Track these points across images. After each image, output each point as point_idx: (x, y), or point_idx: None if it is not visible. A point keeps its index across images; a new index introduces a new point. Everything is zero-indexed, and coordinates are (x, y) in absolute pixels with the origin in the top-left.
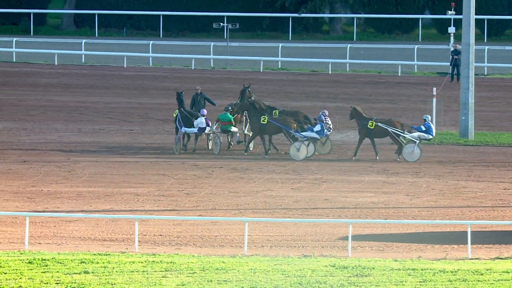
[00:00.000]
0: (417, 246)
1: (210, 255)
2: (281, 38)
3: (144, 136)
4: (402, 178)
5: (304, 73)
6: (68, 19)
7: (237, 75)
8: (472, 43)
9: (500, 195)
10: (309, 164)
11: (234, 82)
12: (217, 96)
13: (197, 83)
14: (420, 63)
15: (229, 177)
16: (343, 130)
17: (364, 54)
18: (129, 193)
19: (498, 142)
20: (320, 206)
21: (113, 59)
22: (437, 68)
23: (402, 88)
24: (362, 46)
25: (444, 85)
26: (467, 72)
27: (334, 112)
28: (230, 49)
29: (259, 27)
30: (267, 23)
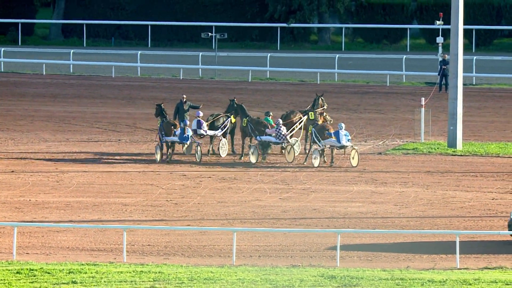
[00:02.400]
0: (406, 256)
1: (198, 265)
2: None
3: (132, 146)
4: (390, 188)
5: (292, 83)
6: (56, 29)
7: (226, 85)
8: (460, 53)
9: (488, 205)
10: (298, 174)
11: (222, 92)
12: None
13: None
14: (408, 73)
15: (218, 187)
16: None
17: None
18: (117, 203)
19: (486, 152)
20: (309, 216)
21: (101, 69)
22: (426, 78)
23: (390, 98)
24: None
25: (432, 95)
26: (455, 82)
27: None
28: (218, 59)
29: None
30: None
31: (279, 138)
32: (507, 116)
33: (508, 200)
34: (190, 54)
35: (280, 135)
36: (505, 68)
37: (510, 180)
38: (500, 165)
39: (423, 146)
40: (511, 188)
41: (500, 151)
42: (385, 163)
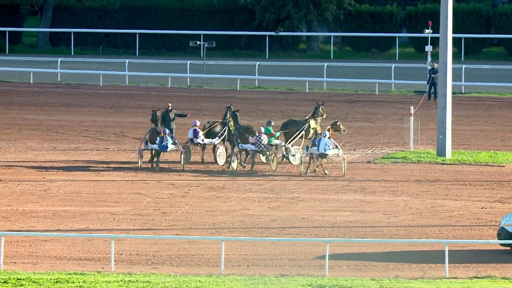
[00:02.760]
0: (395, 265)
1: (186, 275)
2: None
3: (120, 154)
4: (379, 197)
5: (281, 92)
6: (44, 37)
7: (214, 94)
8: (449, 61)
9: (477, 214)
10: (286, 183)
11: (210, 101)
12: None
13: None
14: (397, 81)
15: (206, 196)
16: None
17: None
18: (105, 212)
19: (475, 161)
20: (297, 225)
21: (89, 77)
22: (414, 87)
23: (379, 107)
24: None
25: (422, 104)
26: (444, 91)
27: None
28: (206, 67)
29: (236, 46)
30: (244, 42)
31: (258, 146)
32: (496, 124)
33: (497, 209)
34: (178, 62)
35: (260, 143)
36: (494, 77)
37: (499, 189)
38: (489, 174)
39: (412, 154)
40: (500, 197)
41: (489, 159)
42: (374, 172)
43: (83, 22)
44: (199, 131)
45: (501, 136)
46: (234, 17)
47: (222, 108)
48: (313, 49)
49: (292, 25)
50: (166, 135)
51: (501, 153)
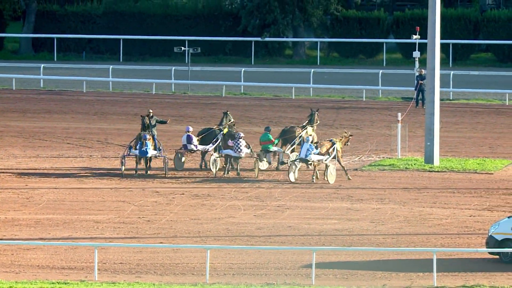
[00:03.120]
0: (382, 274)
1: (171, 284)
2: (244, 63)
3: (103, 162)
4: (366, 204)
5: (267, 98)
6: (27, 43)
7: (199, 100)
8: (437, 67)
9: (465, 222)
10: (272, 190)
11: (195, 107)
12: (178, 121)
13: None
14: (385, 88)
15: (191, 204)
16: None
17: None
18: (89, 220)
19: (463, 168)
20: (283, 233)
21: (72, 83)
22: (402, 93)
23: (366, 113)
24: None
25: (409, 110)
26: (432, 97)
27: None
28: (191, 73)
29: (221, 51)
30: (230, 47)
31: (236, 151)
32: (485, 131)
33: (486, 217)
34: (163, 68)
35: (238, 148)
36: (482, 83)
37: (488, 196)
38: (477, 181)
39: (400, 162)
40: (489, 205)
41: (478, 167)
42: (361, 180)
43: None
44: (193, 137)
45: (490, 143)
46: (220, 22)
47: (206, 115)
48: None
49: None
50: (146, 141)
51: (490, 160)
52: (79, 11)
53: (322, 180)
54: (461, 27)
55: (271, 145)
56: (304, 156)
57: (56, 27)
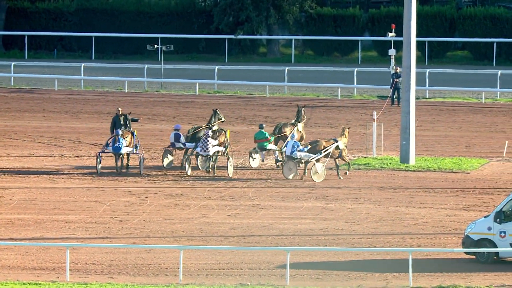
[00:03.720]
0: (357, 274)
1: (144, 284)
2: (217, 61)
3: (75, 161)
4: (341, 204)
5: (241, 96)
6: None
7: (172, 98)
8: (413, 65)
9: (441, 222)
10: (246, 190)
11: (168, 106)
12: (151, 120)
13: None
14: (360, 86)
15: (164, 204)
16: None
17: (303, 77)
18: (60, 220)
19: (439, 167)
20: (257, 233)
21: (44, 81)
22: (377, 91)
23: (341, 112)
24: (301, 68)
25: (385, 109)
26: (407, 96)
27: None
28: (164, 71)
29: (195, 49)
30: (203, 45)
31: (203, 150)
32: (461, 130)
33: (462, 216)
34: (135, 66)
35: (205, 147)
36: (459, 81)
37: (464, 196)
38: (453, 180)
39: (375, 161)
40: (465, 205)
41: (454, 166)
42: (336, 179)
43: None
44: (181, 135)
45: (466, 142)
46: (193, 20)
47: (180, 114)
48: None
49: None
50: (119, 137)
51: (466, 159)
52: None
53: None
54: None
55: (267, 143)
56: (289, 153)
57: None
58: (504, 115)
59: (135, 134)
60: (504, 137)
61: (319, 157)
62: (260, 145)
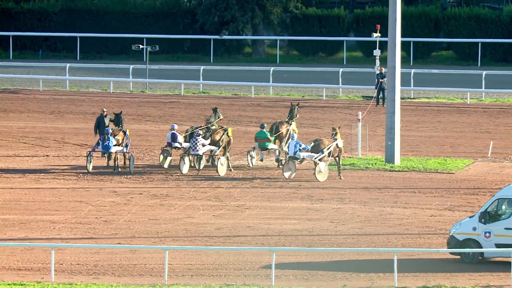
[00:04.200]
0: (343, 275)
1: (129, 285)
2: (202, 61)
3: (60, 161)
4: (326, 204)
5: (226, 97)
6: None
7: (157, 99)
8: (398, 66)
9: (426, 222)
10: (232, 190)
11: (153, 106)
12: (136, 121)
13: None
14: (345, 86)
15: (149, 204)
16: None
17: (288, 77)
18: (45, 221)
19: (424, 168)
20: (243, 234)
21: (28, 82)
22: (362, 92)
23: (326, 112)
24: (286, 69)
25: (370, 109)
26: (392, 96)
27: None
28: (149, 72)
29: (180, 49)
30: (188, 45)
31: (193, 150)
32: (446, 130)
33: (447, 217)
34: (121, 67)
35: (195, 146)
36: (444, 82)
37: (449, 196)
38: (438, 181)
39: (360, 161)
40: (450, 205)
41: (439, 166)
42: None
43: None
44: (177, 135)
45: (451, 142)
46: (178, 20)
47: (165, 114)
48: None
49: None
50: (108, 135)
51: (451, 159)
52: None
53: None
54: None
55: (268, 143)
56: (293, 154)
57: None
58: (489, 116)
59: (127, 133)
60: (489, 137)
61: (321, 156)
62: (261, 145)
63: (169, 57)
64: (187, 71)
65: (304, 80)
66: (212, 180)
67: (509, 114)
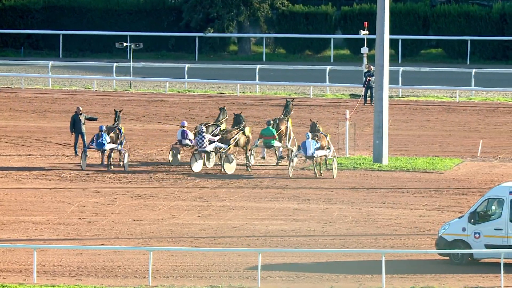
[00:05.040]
0: (330, 276)
1: (112, 286)
2: (187, 59)
3: (42, 161)
4: (313, 205)
5: (211, 95)
6: None
7: (141, 97)
8: (386, 64)
9: (415, 223)
10: (217, 190)
11: (137, 105)
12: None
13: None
14: (332, 84)
15: (133, 204)
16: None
17: (274, 76)
18: (27, 222)
19: (413, 167)
20: (228, 235)
21: (10, 80)
22: (350, 90)
23: (313, 111)
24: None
25: (357, 108)
26: (380, 94)
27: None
28: (133, 70)
29: (164, 47)
30: (173, 43)
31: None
32: (435, 129)
33: (436, 217)
34: (104, 65)
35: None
36: (432, 80)
37: (438, 196)
38: (427, 180)
39: (348, 161)
40: (439, 205)
41: (428, 166)
42: (308, 179)
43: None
44: (188, 132)
45: (440, 141)
46: (162, 17)
47: (149, 113)
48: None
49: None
50: (102, 132)
51: (440, 159)
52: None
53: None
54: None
55: (274, 140)
56: (310, 154)
57: None
58: (478, 114)
59: (122, 130)
60: (478, 136)
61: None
62: (266, 142)
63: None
64: (171, 69)
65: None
66: (197, 180)
67: (499, 113)
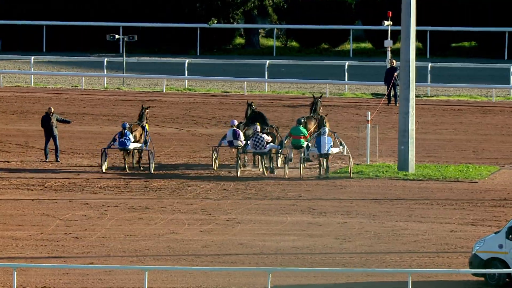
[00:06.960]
0: None
1: None
2: (188, 53)
3: (24, 168)
4: (330, 218)
5: (215, 94)
6: None
7: (135, 97)
8: (413, 59)
9: (445, 239)
10: (221, 202)
11: (131, 105)
12: (111, 122)
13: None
14: (352, 82)
15: (126, 218)
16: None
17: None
18: (6, 237)
19: (442, 176)
20: (234, 252)
21: None
22: (372, 89)
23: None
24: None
25: (380, 109)
26: (406, 94)
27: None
28: (127, 65)
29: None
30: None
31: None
32: (468, 133)
33: (469, 232)
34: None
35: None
36: (465, 77)
37: (471, 209)
38: (459, 191)
39: (369, 168)
40: (473, 219)
41: (460, 174)
42: (324, 189)
43: None
44: (239, 132)
45: (474, 146)
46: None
47: None
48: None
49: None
50: (126, 130)
51: (473, 166)
52: None
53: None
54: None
55: (303, 141)
56: (327, 151)
57: None
58: None
59: (146, 128)
60: None
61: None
62: (295, 142)
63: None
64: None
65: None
66: (198, 190)
67: None
